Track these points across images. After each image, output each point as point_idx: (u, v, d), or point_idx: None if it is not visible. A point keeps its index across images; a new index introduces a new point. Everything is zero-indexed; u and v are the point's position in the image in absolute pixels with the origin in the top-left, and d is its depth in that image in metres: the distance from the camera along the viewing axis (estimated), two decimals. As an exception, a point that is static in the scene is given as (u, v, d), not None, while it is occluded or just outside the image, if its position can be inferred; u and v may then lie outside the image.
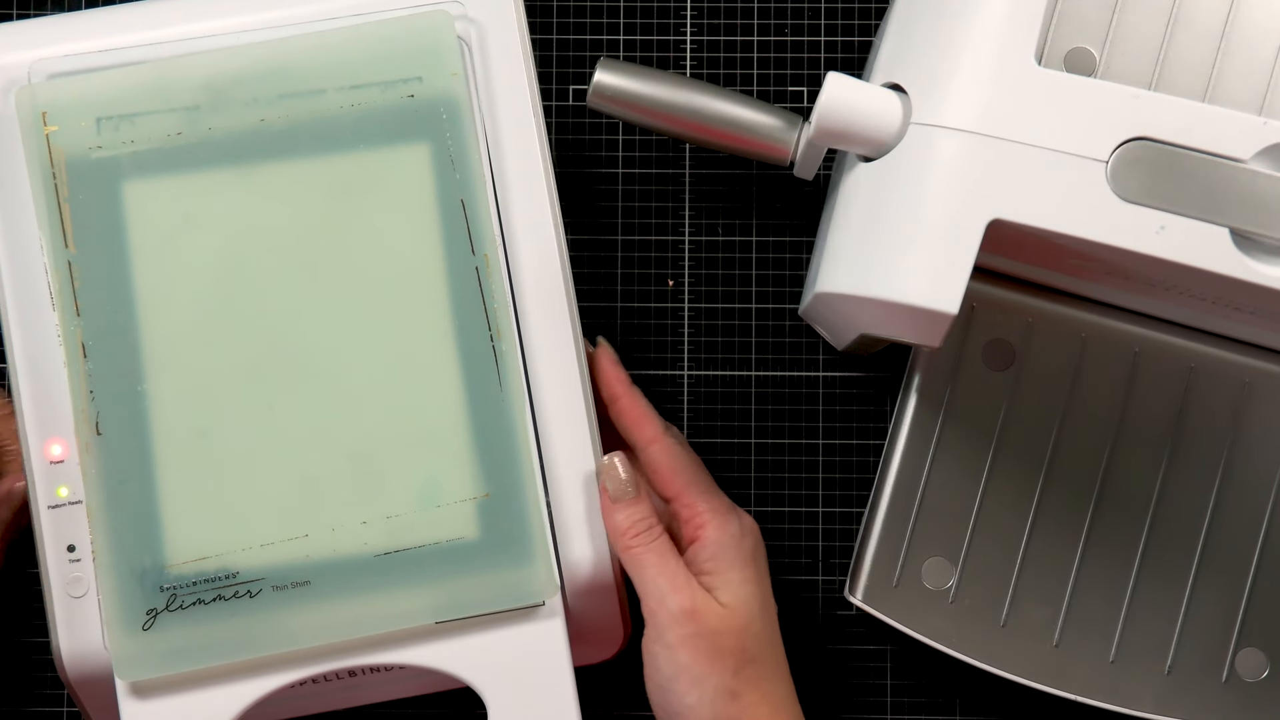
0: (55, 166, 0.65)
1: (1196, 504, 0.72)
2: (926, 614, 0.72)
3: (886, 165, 0.64)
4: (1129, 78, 0.69)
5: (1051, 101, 0.61)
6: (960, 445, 0.73)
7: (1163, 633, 0.72)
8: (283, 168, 0.66)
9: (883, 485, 0.73)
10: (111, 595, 0.63)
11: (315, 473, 0.65)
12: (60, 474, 0.66)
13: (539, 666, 0.65)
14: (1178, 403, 0.73)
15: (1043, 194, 0.61)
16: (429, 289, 0.66)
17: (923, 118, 0.62)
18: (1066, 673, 0.71)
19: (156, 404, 0.65)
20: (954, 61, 0.62)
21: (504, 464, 0.65)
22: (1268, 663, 0.72)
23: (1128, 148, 0.61)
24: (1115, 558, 0.72)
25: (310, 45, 0.67)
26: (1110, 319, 0.73)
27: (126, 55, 0.67)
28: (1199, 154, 0.61)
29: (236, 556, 0.64)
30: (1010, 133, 0.61)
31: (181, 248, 0.66)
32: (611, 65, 0.69)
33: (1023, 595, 0.72)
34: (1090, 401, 0.73)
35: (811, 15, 0.77)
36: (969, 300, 0.73)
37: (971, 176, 0.61)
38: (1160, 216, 0.60)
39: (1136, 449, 0.73)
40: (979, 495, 0.73)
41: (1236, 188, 0.61)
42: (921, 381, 0.73)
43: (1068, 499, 0.72)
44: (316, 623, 0.64)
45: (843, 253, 0.65)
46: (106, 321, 0.65)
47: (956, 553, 0.72)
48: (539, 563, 0.65)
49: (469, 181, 0.66)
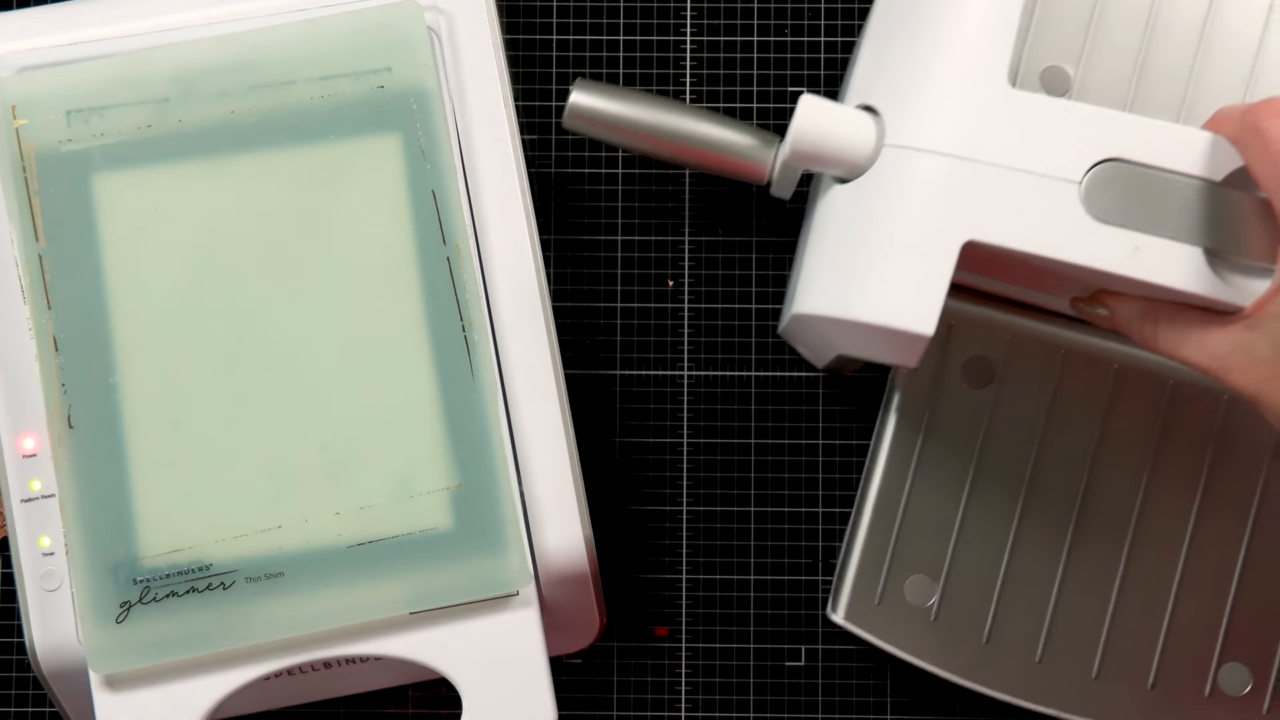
0: (25, 160, 0.66)
1: (1177, 519, 0.72)
2: (909, 631, 0.72)
3: (861, 187, 0.64)
4: (1104, 96, 0.70)
5: (1024, 123, 0.61)
6: (941, 462, 0.73)
7: (1146, 648, 0.72)
8: (253, 159, 0.66)
9: (864, 503, 0.73)
10: (85, 588, 0.63)
11: (288, 464, 0.65)
12: (33, 468, 0.66)
13: (513, 656, 0.65)
14: (1157, 419, 0.73)
15: (1017, 215, 0.61)
16: (401, 279, 0.66)
17: (896, 140, 0.63)
18: (1050, 689, 0.72)
19: (128, 396, 0.65)
20: (927, 83, 0.63)
21: (477, 454, 0.65)
22: (1250, 677, 0.72)
23: (1101, 169, 0.61)
24: (1097, 573, 0.72)
25: (280, 37, 0.67)
26: (1089, 336, 0.73)
27: (96, 48, 0.68)
28: (1172, 175, 0.61)
29: (210, 549, 0.64)
30: (983, 154, 0.61)
31: (152, 240, 0.66)
32: (587, 86, 0.69)
33: (1005, 612, 0.72)
34: (1070, 418, 0.73)
35: (811, 15, 0.77)
36: (948, 318, 0.73)
37: (945, 198, 0.61)
38: (1134, 237, 0.61)
39: (1117, 465, 0.73)
40: (960, 512, 0.72)
41: (1210, 208, 0.61)
42: (901, 399, 0.73)
43: (1049, 515, 0.72)
44: (290, 614, 0.64)
45: (819, 274, 0.66)
46: (78, 314, 0.65)
47: (938, 570, 0.72)
48: (512, 552, 0.65)
49: (440, 172, 0.66)
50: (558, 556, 0.67)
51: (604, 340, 0.76)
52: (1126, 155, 0.61)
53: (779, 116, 0.76)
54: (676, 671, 0.75)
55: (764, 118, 0.76)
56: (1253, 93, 0.70)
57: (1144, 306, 0.63)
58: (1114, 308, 0.64)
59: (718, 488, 0.76)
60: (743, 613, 0.76)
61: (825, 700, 0.75)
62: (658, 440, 0.76)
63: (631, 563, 0.76)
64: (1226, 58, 0.70)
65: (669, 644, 0.75)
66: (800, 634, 0.75)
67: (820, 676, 0.75)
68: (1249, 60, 0.70)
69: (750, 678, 0.75)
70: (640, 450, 0.76)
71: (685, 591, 0.76)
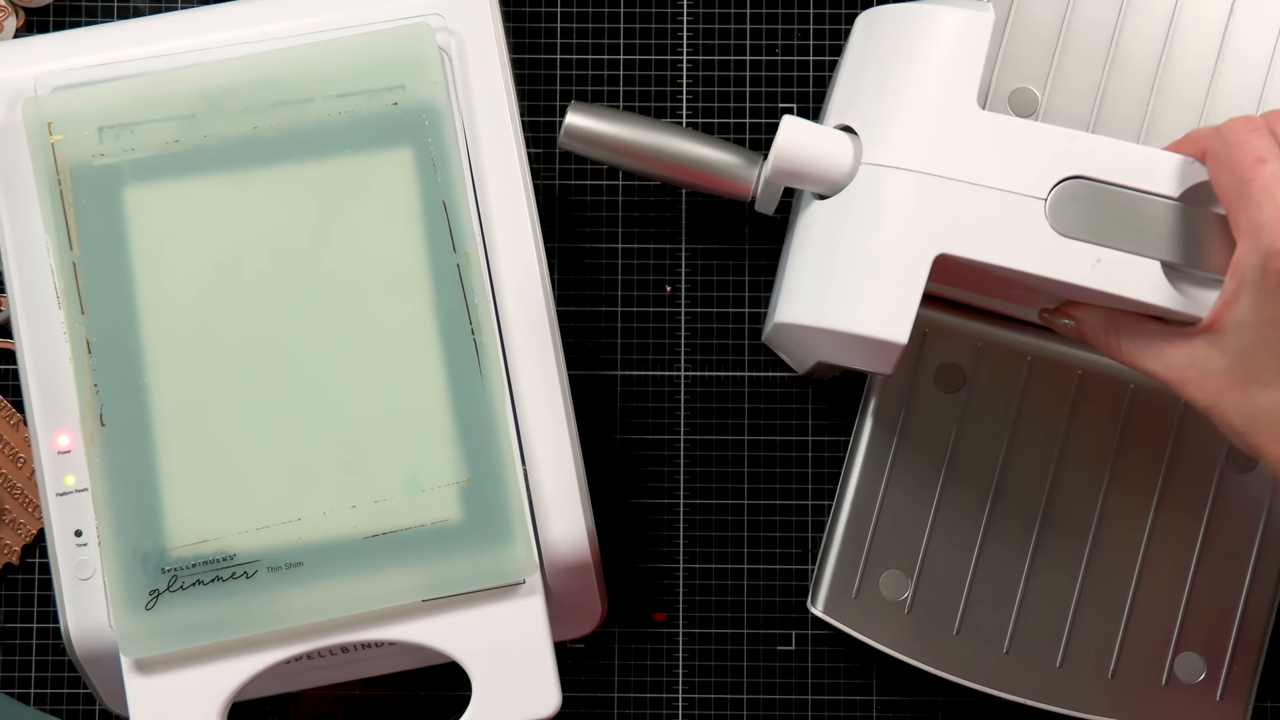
0: (60, 173, 0.65)
1: (1136, 518, 0.72)
2: (884, 623, 0.72)
3: (839, 203, 0.64)
4: (1069, 117, 0.70)
5: (993, 142, 0.62)
6: (914, 464, 0.73)
7: (1107, 639, 0.72)
8: (274, 172, 0.66)
9: (841, 502, 0.73)
10: (116, 577, 0.64)
11: (307, 460, 0.65)
12: (67, 464, 0.66)
13: (520, 642, 0.65)
14: (1118, 422, 0.72)
15: (986, 230, 0.61)
16: (413, 285, 0.66)
17: (873, 158, 0.63)
18: (1017, 678, 0.71)
19: (157, 397, 0.65)
20: (901, 105, 0.63)
21: (485, 450, 0.65)
22: (1204, 666, 0.72)
23: (1065, 186, 0.61)
24: (1061, 569, 0.72)
25: (300, 56, 0.67)
26: (1055, 344, 0.73)
27: (126, 68, 0.68)
28: (1132, 191, 0.62)
29: (233, 540, 0.64)
30: (954, 172, 0.61)
31: (180, 248, 0.66)
32: (582, 108, 0.69)
33: (974, 605, 0.72)
34: (1036, 421, 0.73)
35: (801, 37, 0.77)
36: (921, 327, 0.73)
37: (918, 214, 0.61)
38: (1096, 250, 0.61)
39: (1080, 466, 0.72)
40: (932, 511, 0.72)
41: (1167, 223, 0.61)
42: (877, 404, 0.73)
43: (1016, 514, 0.72)
44: (309, 602, 0.64)
45: (799, 285, 0.66)
46: (109, 319, 0.65)
47: (912, 565, 0.72)
48: (519, 543, 0.65)
49: (450, 183, 0.66)
50: (561, 547, 0.67)
51: (605, 343, 0.76)
52: (1089, 173, 0.61)
53: (770, 132, 0.76)
54: (674, 655, 0.75)
55: (755, 133, 0.76)
56: (1208, 115, 0.70)
57: (1107, 317, 0.63)
58: (1079, 318, 0.64)
59: (713, 482, 0.76)
60: (736, 600, 0.76)
61: (815, 683, 0.75)
62: (656, 437, 0.76)
63: (631, 553, 0.76)
64: (1183, 83, 0.70)
65: (667, 629, 0.75)
66: (790, 620, 0.75)
67: (810, 660, 0.75)
68: (1204, 85, 0.70)
69: (744, 661, 0.75)
70: (639, 447, 0.76)
71: (682, 580, 0.76)
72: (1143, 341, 0.62)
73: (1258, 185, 0.57)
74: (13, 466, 0.75)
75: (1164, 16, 0.71)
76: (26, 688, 0.76)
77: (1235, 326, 0.58)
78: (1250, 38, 0.70)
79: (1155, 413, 0.72)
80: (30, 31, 0.77)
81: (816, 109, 0.77)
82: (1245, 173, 0.57)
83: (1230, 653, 0.72)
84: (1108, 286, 0.61)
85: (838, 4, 0.77)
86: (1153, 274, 0.61)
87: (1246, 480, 0.72)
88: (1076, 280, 0.61)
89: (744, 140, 0.77)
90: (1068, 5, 0.71)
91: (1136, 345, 0.62)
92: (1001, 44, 0.71)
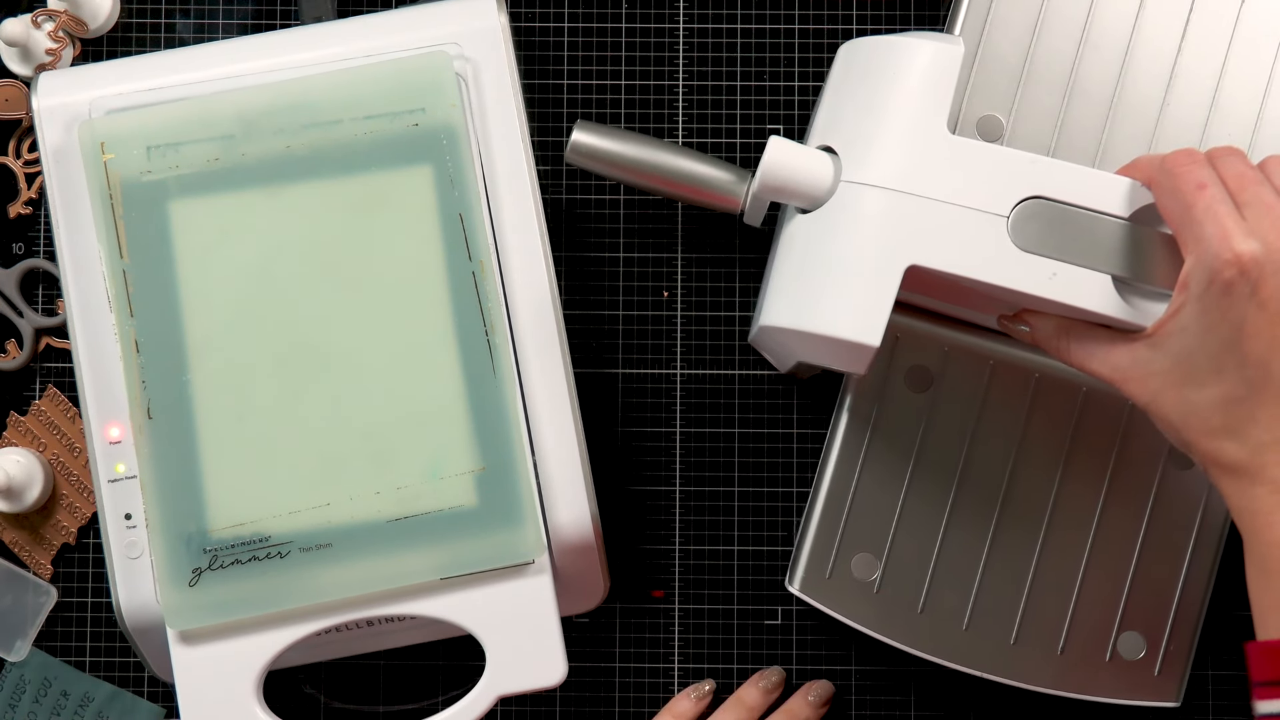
0: (112, 189, 0.67)
1: (1086, 508, 0.73)
2: (855, 602, 0.73)
3: (820, 217, 0.65)
4: (1031, 142, 0.72)
5: (960, 164, 0.63)
6: (885, 456, 0.73)
7: (1057, 618, 0.73)
8: (306, 187, 0.68)
9: (818, 491, 0.74)
10: (162, 557, 0.66)
11: (335, 450, 0.67)
12: (118, 453, 0.68)
13: (530, 616, 0.66)
14: (1071, 422, 0.73)
15: (953, 243, 0.63)
16: (432, 291, 0.67)
17: (851, 176, 0.64)
18: (975, 653, 0.73)
19: (199, 392, 0.67)
20: (878, 128, 0.64)
21: (498, 441, 0.67)
22: (1144, 644, 0.72)
23: (1026, 205, 0.63)
24: (1017, 554, 0.73)
25: (329, 82, 0.68)
26: (1014, 349, 0.73)
27: (172, 93, 0.69)
28: (1087, 211, 0.63)
29: (268, 523, 0.66)
30: (925, 190, 0.63)
31: (220, 257, 0.67)
32: (587, 127, 0.70)
33: (938, 586, 0.73)
34: (997, 419, 0.73)
35: (787, 64, 0.78)
36: (894, 331, 0.73)
37: (892, 228, 0.63)
38: (1052, 264, 0.63)
39: (1036, 461, 0.73)
40: (901, 499, 0.73)
41: (1118, 241, 0.63)
42: (852, 401, 0.74)
43: (977, 503, 0.73)
44: (337, 580, 0.66)
45: (782, 291, 0.67)
46: (156, 321, 0.67)
47: (881, 549, 0.73)
48: (529, 526, 0.66)
49: (466, 198, 0.68)
50: (568, 530, 0.68)
51: (608, 343, 0.78)
52: (1048, 194, 0.63)
53: (759, 151, 0.74)
54: (670, 629, 0.77)
55: (745, 152, 0.78)
56: (1157, 142, 0.72)
57: (1059, 324, 0.65)
58: (1034, 325, 0.66)
59: (705, 470, 0.77)
60: (727, 578, 0.77)
61: (799, 654, 0.77)
62: (654, 430, 0.77)
63: (631, 535, 0.77)
64: (1135, 113, 0.71)
65: (664, 605, 0.77)
66: (777, 597, 0.77)
67: (794, 634, 0.77)
68: (1154, 116, 0.72)
69: (734, 634, 0.77)
70: (639, 438, 0.77)
71: (678, 560, 0.77)
72: (1090, 346, 0.64)
73: (1200, 207, 0.59)
74: (70, 456, 0.77)
75: (1119, 53, 0.72)
76: (83, 656, 0.77)
77: (1178, 332, 0.60)
78: (1195, 73, 0.72)
79: (1105, 414, 0.73)
80: (86, 60, 0.78)
81: (802, 130, 0.78)
82: (1188, 198, 0.60)
83: (1168, 633, 0.73)
84: (1063, 298, 0.63)
85: (821, 35, 0.78)
86: (1104, 287, 0.63)
87: (1186, 477, 0.73)
88: (1035, 291, 0.63)
89: (735, 158, 0.78)
90: (1031, 40, 0.72)
91: (1085, 349, 0.64)
92: (970, 74, 0.72)
